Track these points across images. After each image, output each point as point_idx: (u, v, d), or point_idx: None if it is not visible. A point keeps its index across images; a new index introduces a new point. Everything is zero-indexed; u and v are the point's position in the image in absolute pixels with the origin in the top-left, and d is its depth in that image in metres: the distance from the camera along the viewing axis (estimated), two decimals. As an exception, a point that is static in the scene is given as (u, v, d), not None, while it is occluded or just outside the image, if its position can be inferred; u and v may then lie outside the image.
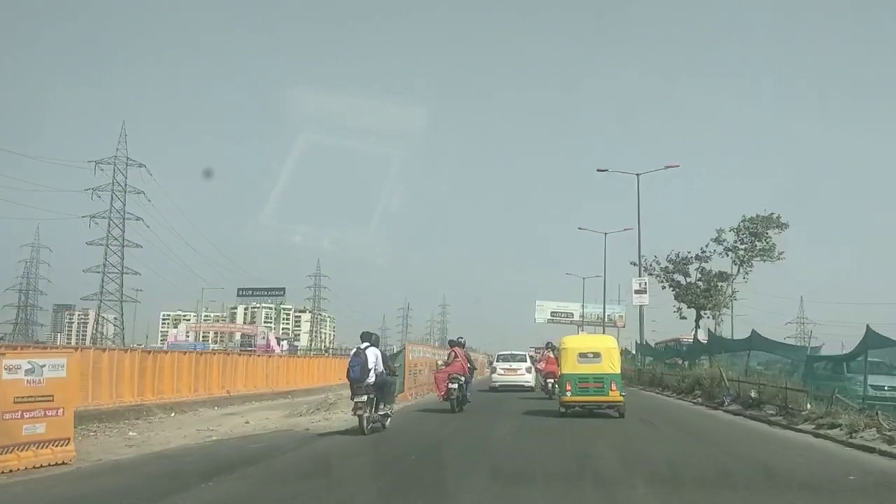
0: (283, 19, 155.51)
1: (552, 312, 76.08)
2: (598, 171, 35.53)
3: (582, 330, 65.59)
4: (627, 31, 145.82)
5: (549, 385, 22.03)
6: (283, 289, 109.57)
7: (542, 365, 23.34)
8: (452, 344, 18.32)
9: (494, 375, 27.91)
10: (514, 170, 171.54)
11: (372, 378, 12.21)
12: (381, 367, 12.49)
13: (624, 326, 71.78)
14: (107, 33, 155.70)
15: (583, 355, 16.38)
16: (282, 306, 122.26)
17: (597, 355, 16.29)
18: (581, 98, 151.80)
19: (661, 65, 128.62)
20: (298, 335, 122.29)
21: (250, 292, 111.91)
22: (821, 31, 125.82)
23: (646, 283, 34.08)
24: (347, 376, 12.40)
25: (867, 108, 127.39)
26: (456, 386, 16.78)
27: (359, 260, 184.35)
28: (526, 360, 28.03)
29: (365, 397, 12.11)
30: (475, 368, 19.57)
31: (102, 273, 67.27)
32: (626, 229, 49.51)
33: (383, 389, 12.63)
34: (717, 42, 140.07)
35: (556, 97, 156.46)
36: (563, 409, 16.28)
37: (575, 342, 17.70)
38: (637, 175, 34.12)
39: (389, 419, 12.96)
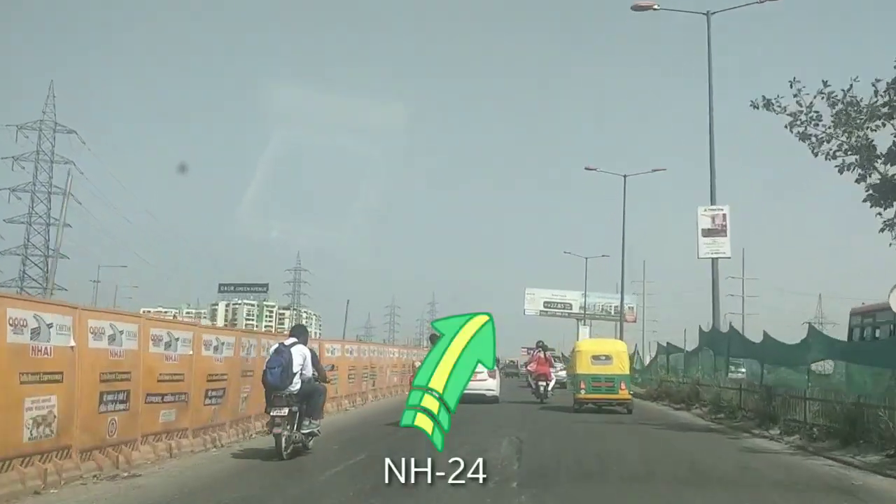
0: (265, 14, 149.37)
1: (545, 303, 64.55)
2: (634, 8, 23.15)
3: (584, 324, 56.52)
4: (611, 28, 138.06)
5: (542, 388, 21.22)
6: (266, 285, 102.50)
7: (532, 366, 22.41)
8: (434, 339, 12.11)
9: None
10: (504, 166, 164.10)
11: (297, 385, 9.56)
12: (309, 372, 9.78)
13: (635, 321, 62.28)
14: (90, 25, 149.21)
15: (596, 358, 18.38)
16: (265, 303, 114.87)
17: (608, 358, 18.33)
18: (564, 93, 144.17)
19: (642, 62, 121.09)
20: (283, 333, 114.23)
21: (232, 288, 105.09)
22: (819, 32, 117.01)
23: (724, 216, 22.18)
24: (263, 381, 9.60)
25: None
26: None
27: (345, 259, 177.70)
28: None
29: (286, 410, 9.33)
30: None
31: (24, 256, 57.93)
32: (654, 170, 37.22)
33: (311, 400, 9.83)
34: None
35: (540, 93, 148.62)
36: (577, 406, 18.24)
37: (589, 346, 20.40)
38: (707, 14, 22.51)
39: (314, 439, 10.01)
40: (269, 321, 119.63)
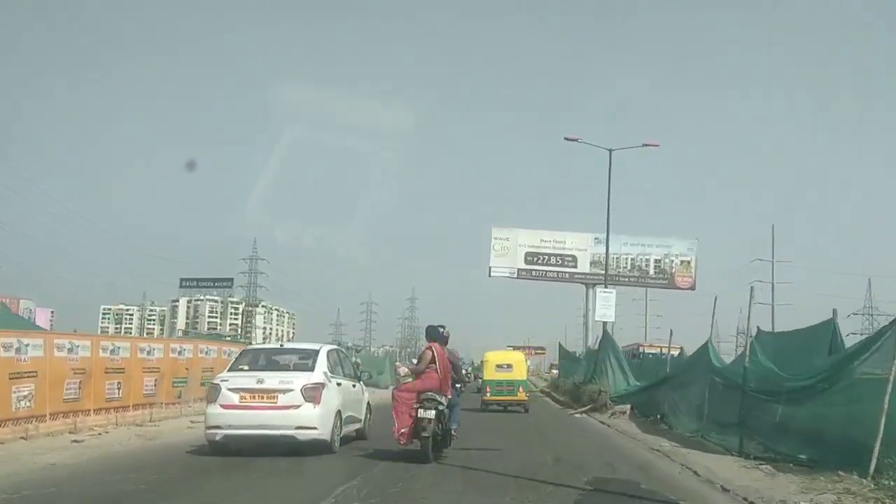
0: (272, 12, 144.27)
1: (529, 255, 36.30)
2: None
3: (604, 289, 32.33)
4: (626, 36, 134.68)
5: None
6: (231, 280, 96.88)
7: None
8: (431, 337, 11.33)
9: (211, 409, 10.90)
10: (503, 165, 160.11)
11: None
12: None
13: (693, 287, 37.58)
14: (95, 24, 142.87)
15: (499, 366, 22.09)
16: (230, 300, 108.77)
17: (509, 366, 22.04)
18: (575, 101, 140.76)
19: (659, 71, 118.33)
20: (250, 332, 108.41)
21: (194, 283, 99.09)
22: (818, 39, 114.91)
23: None
24: None
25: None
26: (432, 414, 10.08)
27: (326, 256, 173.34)
28: (313, 368, 11.22)
29: None
30: (464, 381, 14.34)
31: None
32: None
33: None
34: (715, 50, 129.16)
35: (549, 100, 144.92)
36: (483, 407, 21.43)
37: (494, 357, 23.07)
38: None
39: None
40: (235, 319, 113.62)
